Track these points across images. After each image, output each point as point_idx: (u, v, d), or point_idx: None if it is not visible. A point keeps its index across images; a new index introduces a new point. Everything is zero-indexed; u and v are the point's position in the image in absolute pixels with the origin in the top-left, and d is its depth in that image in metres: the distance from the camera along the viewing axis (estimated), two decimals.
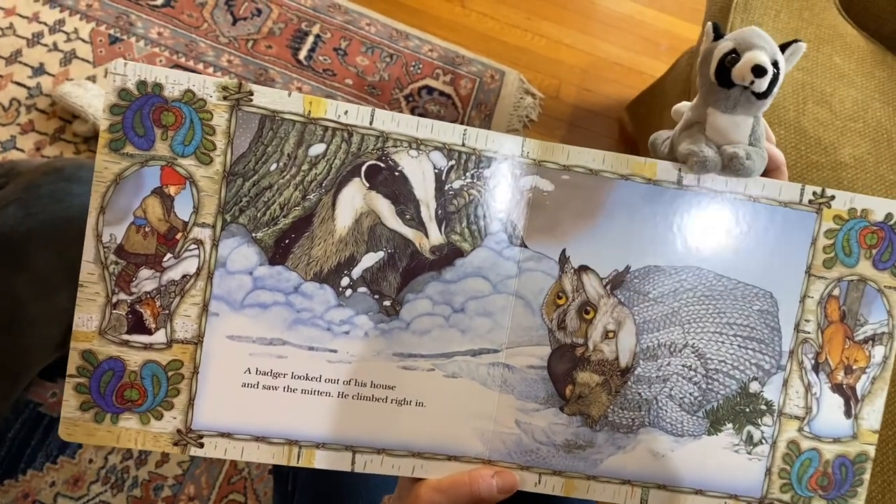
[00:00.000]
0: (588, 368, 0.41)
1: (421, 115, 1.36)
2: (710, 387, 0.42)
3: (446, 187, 0.40)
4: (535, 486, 0.41)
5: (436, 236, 0.40)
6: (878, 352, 0.42)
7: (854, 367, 0.42)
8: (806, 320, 0.42)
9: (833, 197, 0.42)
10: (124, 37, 1.27)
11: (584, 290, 0.41)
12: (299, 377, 0.39)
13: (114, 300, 0.37)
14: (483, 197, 0.40)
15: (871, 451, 0.43)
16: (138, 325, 0.38)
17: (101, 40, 1.25)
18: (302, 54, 1.35)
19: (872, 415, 0.43)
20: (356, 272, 0.39)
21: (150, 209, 0.37)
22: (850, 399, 0.43)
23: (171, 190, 0.37)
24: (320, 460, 0.39)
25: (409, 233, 0.40)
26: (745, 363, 0.42)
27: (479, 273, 0.40)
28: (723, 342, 0.42)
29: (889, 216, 0.42)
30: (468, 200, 0.40)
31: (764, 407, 0.42)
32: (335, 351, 0.39)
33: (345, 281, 0.39)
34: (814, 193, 0.42)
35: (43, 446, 0.96)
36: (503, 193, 0.40)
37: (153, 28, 1.29)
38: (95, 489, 0.96)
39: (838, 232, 0.42)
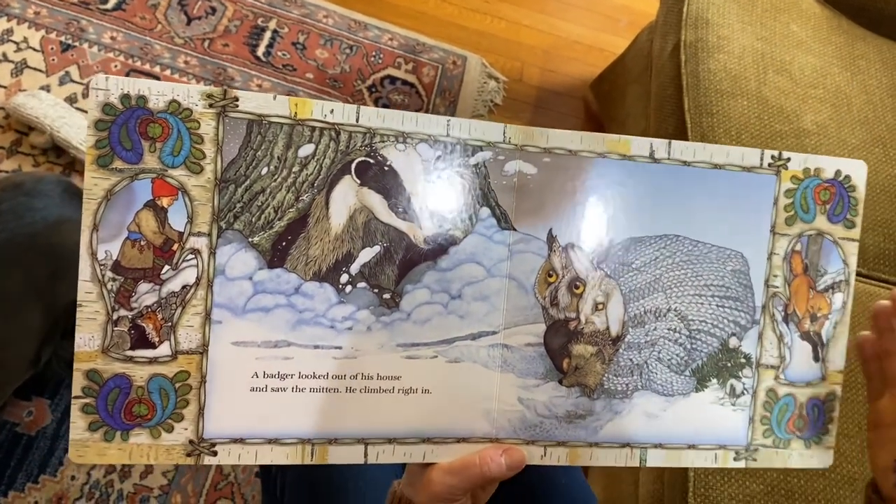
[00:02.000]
0: (582, 340, 0.43)
1: (385, 105, 1.35)
2: (694, 346, 0.45)
3: (435, 177, 0.40)
4: (542, 459, 0.43)
5: (428, 227, 0.41)
6: (838, 298, 0.46)
7: (818, 315, 0.46)
8: (774, 276, 0.45)
9: (789, 159, 0.45)
10: (76, 43, 1.23)
11: (572, 266, 0.43)
12: (307, 376, 0.39)
13: (114, 317, 0.37)
14: (471, 184, 0.41)
15: (839, 390, 0.47)
16: (141, 340, 0.37)
17: (52, 48, 1.22)
18: (260, 51, 1.33)
19: (837, 357, 0.46)
20: (354, 268, 0.40)
21: (143, 222, 0.37)
22: (818, 345, 0.46)
23: (164, 201, 0.37)
24: (333, 456, 0.40)
25: (403, 225, 0.40)
26: (723, 321, 0.45)
27: (472, 259, 0.41)
28: (702, 303, 0.45)
29: (838, 173, 0.46)
30: (457, 189, 0.41)
31: (743, 360, 0.45)
32: (340, 347, 0.40)
33: (344, 278, 0.40)
34: (772, 157, 0.45)
35: (23, 466, 0.94)
36: (489, 180, 0.41)
37: (105, 33, 1.26)
38: None
39: (796, 191, 0.45)
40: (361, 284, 0.40)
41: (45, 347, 0.82)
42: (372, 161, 0.40)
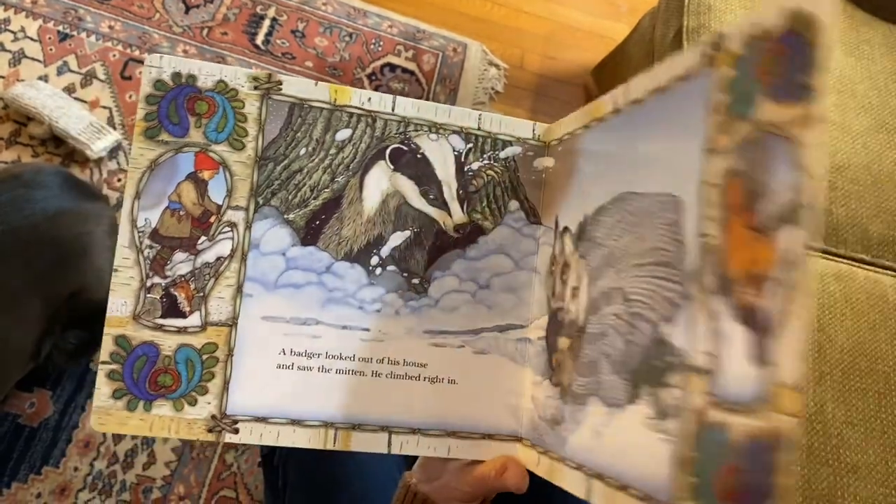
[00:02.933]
0: (563, 332, 0.38)
1: (385, 93, 1.35)
2: (632, 337, 0.32)
3: (465, 168, 0.42)
4: (536, 467, 0.39)
5: (459, 215, 0.42)
6: (789, 238, 0.24)
7: (757, 273, 0.25)
8: (709, 218, 0.28)
9: (724, 35, 0.28)
10: (74, 32, 1.22)
11: (563, 251, 0.40)
12: (333, 356, 0.39)
13: (148, 284, 0.37)
14: (500, 177, 0.42)
15: (789, 430, 0.23)
16: (173, 309, 0.38)
17: (49, 38, 1.21)
18: (259, 39, 1.33)
19: (788, 357, 0.23)
20: (385, 251, 0.41)
21: (184, 193, 0.38)
22: (758, 332, 0.25)
23: (205, 175, 0.38)
24: (356, 442, 0.39)
25: (434, 212, 0.41)
26: (656, 298, 0.31)
27: (501, 250, 0.42)
28: (641, 275, 0.32)
29: (791, 17, 0.25)
30: (486, 181, 0.42)
31: (673, 358, 0.29)
32: (368, 329, 0.40)
33: (374, 260, 0.40)
34: (705, 46, 0.29)
35: (26, 458, 0.93)
36: (518, 174, 0.43)
37: (104, 22, 1.25)
38: (84, 496, 0.93)
39: (734, 79, 0.28)
40: (391, 268, 0.41)
41: (45, 340, 0.81)
42: (405, 148, 0.41)
